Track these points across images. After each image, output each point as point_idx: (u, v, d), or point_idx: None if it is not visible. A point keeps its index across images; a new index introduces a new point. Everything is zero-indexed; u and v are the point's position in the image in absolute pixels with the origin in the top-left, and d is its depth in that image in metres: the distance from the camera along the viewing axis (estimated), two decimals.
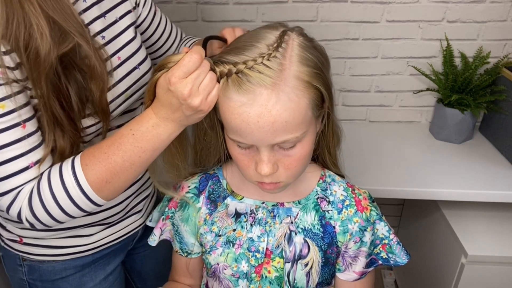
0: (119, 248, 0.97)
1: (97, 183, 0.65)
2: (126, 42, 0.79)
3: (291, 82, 0.59)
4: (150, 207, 1.02)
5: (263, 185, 0.69)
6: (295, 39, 0.63)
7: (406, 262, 0.79)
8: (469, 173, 1.35)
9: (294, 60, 0.61)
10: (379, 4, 1.45)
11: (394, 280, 1.97)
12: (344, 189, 0.78)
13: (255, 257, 0.75)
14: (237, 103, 0.60)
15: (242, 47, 0.62)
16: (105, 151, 0.65)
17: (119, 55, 0.77)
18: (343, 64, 1.57)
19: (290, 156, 0.65)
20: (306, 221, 0.75)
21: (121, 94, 0.78)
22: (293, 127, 0.61)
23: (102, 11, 0.74)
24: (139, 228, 0.99)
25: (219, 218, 0.78)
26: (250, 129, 0.60)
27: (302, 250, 0.74)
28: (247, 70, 0.59)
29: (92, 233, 0.88)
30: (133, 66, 0.79)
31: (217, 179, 0.81)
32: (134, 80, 0.80)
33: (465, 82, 1.45)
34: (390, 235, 0.79)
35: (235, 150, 0.67)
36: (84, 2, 0.71)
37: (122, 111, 0.81)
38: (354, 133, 1.59)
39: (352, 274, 0.78)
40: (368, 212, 0.77)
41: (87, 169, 0.65)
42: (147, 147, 0.65)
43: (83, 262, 0.90)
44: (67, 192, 0.65)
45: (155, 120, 0.64)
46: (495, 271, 1.28)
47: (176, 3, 1.48)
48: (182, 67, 0.59)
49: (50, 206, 0.65)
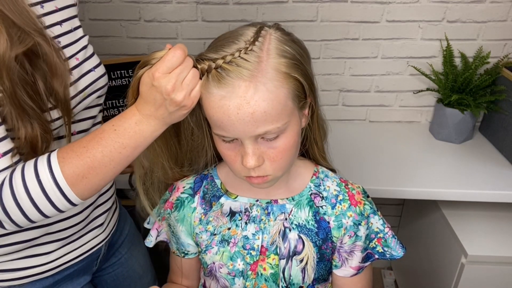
0: (82, 268, 0.91)
1: (72, 177, 0.63)
2: (82, 47, 0.79)
3: (268, 73, 0.61)
4: (112, 222, 0.97)
5: (251, 180, 0.69)
6: (272, 34, 0.65)
7: (402, 255, 0.79)
8: (469, 173, 1.35)
9: (272, 52, 0.62)
10: (379, 4, 1.46)
11: (394, 280, 1.96)
12: (338, 184, 0.79)
13: (250, 254, 0.75)
14: (217, 96, 0.61)
15: (221, 45, 0.64)
16: (84, 145, 0.64)
17: (77, 57, 0.77)
18: (343, 64, 1.57)
19: (274, 148, 0.65)
20: (300, 217, 0.76)
21: (80, 92, 0.78)
22: (273, 117, 0.62)
23: (59, 19, 0.76)
24: (101, 245, 0.93)
25: (214, 217, 0.78)
26: (231, 121, 0.61)
27: (296, 246, 0.75)
28: (225, 64, 0.61)
29: (50, 251, 0.82)
30: (89, 68, 0.80)
31: (212, 179, 0.81)
32: (91, 81, 0.80)
33: (465, 82, 1.44)
34: (384, 228, 0.79)
35: (221, 145, 0.68)
36: (41, 8, 0.72)
37: (81, 109, 0.80)
38: (354, 133, 1.60)
39: (349, 269, 0.78)
40: (362, 206, 0.77)
41: (63, 162, 0.63)
42: (128, 143, 0.64)
43: (43, 285, 0.84)
44: (41, 185, 0.62)
45: (138, 117, 0.64)
46: (495, 271, 1.28)
47: (176, 3, 1.49)
48: (166, 62, 0.60)
49: (23, 200, 0.62)
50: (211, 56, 0.63)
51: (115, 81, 1.45)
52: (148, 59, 0.63)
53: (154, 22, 1.53)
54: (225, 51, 0.62)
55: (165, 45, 0.63)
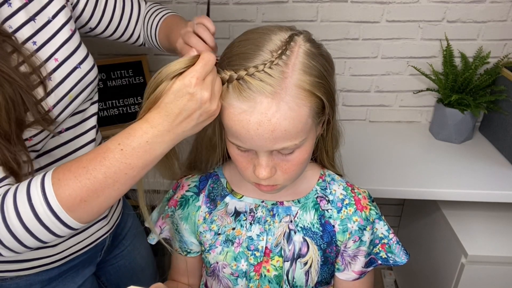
0: (87, 259, 0.91)
1: (69, 201, 0.56)
2: (63, 42, 0.73)
3: (292, 91, 0.59)
4: (116, 213, 0.97)
5: (260, 187, 0.69)
6: (301, 46, 0.61)
7: (406, 262, 0.79)
8: (469, 173, 1.35)
9: (297, 68, 0.59)
10: (379, 4, 1.45)
11: (394, 280, 1.97)
12: (344, 188, 0.78)
13: (254, 255, 0.75)
14: (237, 109, 0.59)
15: (246, 52, 0.60)
16: (84, 166, 0.57)
17: (55, 57, 0.72)
18: (343, 64, 1.57)
19: (288, 161, 0.65)
20: (305, 220, 0.75)
21: (64, 96, 0.72)
22: (292, 135, 0.61)
23: (30, 14, 0.69)
24: (106, 236, 0.93)
25: (218, 216, 0.78)
26: (250, 135, 0.60)
27: (301, 249, 0.75)
28: (248, 77, 0.58)
29: (56, 243, 0.81)
30: (73, 66, 0.74)
31: (217, 178, 0.81)
32: (76, 81, 0.75)
33: (465, 82, 1.45)
34: (389, 234, 0.79)
35: (234, 151, 0.67)
36: (9, 7, 0.66)
37: (70, 113, 0.76)
38: (354, 133, 1.59)
39: (351, 273, 0.78)
40: (368, 211, 0.77)
41: (58, 184, 0.56)
42: (136, 164, 0.58)
43: (49, 275, 0.84)
44: (34, 210, 0.55)
45: (150, 135, 0.57)
46: (495, 271, 1.28)
47: (176, 3, 1.48)
48: (204, 67, 0.57)
49: (14, 226, 0.56)
50: (233, 64, 0.60)
51: (115, 81, 1.44)
52: (165, 74, 0.57)
53: None
54: (248, 61, 0.59)
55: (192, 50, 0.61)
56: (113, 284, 1.05)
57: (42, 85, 0.67)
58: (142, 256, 1.10)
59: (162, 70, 0.58)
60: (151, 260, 1.14)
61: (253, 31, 0.64)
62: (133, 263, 1.06)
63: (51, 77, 0.70)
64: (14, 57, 0.64)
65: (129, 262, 1.05)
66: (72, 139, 0.81)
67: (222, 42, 0.76)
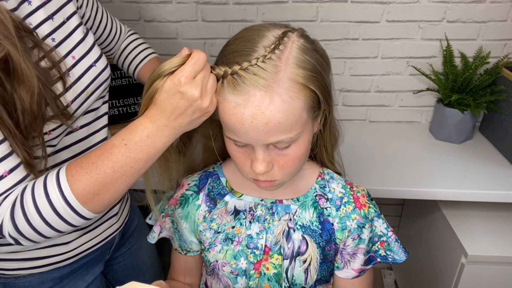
0: (97, 257, 0.94)
1: (83, 195, 0.62)
2: (78, 41, 0.77)
3: (285, 84, 0.59)
4: (125, 211, 1.00)
5: (258, 183, 0.69)
6: (295, 41, 0.62)
7: (405, 260, 0.79)
8: (469, 173, 1.35)
9: (291, 62, 0.60)
10: (379, 4, 1.46)
11: (394, 280, 1.97)
12: (343, 187, 0.79)
13: (254, 254, 0.75)
14: (232, 103, 0.60)
15: (240, 50, 0.62)
16: (93, 161, 0.62)
17: (73, 55, 0.75)
18: (343, 64, 1.57)
19: (285, 156, 0.65)
20: (304, 218, 0.76)
21: (82, 93, 0.76)
22: (287, 128, 0.61)
23: (48, 13, 0.72)
24: (116, 234, 0.96)
25: (218, 215, 0.78)
26: (245, 129, 0.61)
27: (300, 247, 0.75)
28: (241, 71, 0.59)
29: (69, 240, 0.84)
30: (89, 64, 0.77)
31: (217, 176, 0.81)
32: (92, 78, 0.78)
33: (465, 82, 1.45)
34: (388, 232, 0.79)
35: (231, 147, 0.68)
36: (29, 5, 0.69)
37: (84, 110, 0.79)
38: (354, 133, 1.59)
39: (351, 271, 0.78)
40: (366, 209, 0.77)
41: (72, 180, 0.61)
42: (140, 157, 0.62)
43: (61, 273, 0.87)
44: (52, 204, 0.61)
45: (150, 130, 0.61)
46: (495, 271, 1.28)
47: (176, 3, 1.48)
48: (193, 66, 0.58)
49: (34, 220, 0.61)
50: (227, 60, 0.62)
51: (115, 81, 1.44)
52: (160, 71, 0.60)
53: (154, 22, 1.53)
54: (242, 56, 0.60)
55: (183, 48, 0.61)
56: (119, 282, 1.05)
57: (61, 80, 0.70)
58: (147, 255, 1.12)
59: (156, 69, 0.61)
60: (156, 259, 1.16)
61: (248, 29, 0.66)
62: (139, 261, 1.08)
63: (69, 73, 0.73)
64: (35, 53, 0.67)
65: (135, 260, 1.07)
66: (86, 136, 0.83)
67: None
